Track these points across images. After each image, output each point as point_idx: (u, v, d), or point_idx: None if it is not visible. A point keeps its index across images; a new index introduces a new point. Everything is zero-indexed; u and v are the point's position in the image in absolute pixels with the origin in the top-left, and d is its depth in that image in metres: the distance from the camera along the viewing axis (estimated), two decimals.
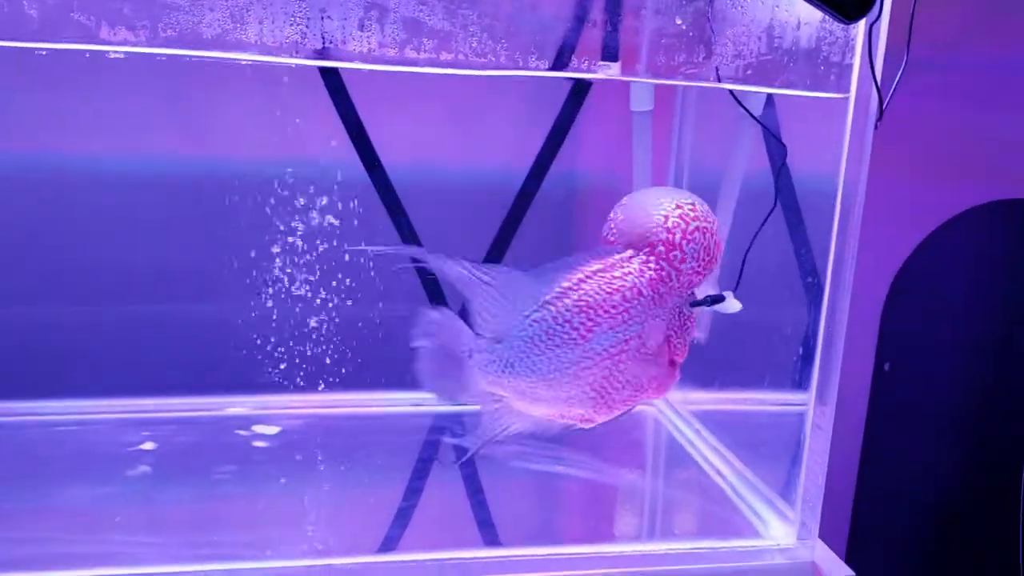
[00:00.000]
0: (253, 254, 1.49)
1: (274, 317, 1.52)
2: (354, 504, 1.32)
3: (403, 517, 1.27)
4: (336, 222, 1.52)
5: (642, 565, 1.15)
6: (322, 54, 0.92)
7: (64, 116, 1.45)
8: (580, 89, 1.51)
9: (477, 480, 1.39)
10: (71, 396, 1.48)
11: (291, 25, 0.89)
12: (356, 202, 1.54)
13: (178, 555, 1.09)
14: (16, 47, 0.86)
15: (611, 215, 1.05)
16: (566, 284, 1.00)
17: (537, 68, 0.94)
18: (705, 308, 1.08)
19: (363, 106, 1.53)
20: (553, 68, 0.98)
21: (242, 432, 1.45)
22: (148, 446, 1.38)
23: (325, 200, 1.51)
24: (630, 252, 1.02)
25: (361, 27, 0.90)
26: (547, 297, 1.00)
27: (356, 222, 1.54)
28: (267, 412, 1.51)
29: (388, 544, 1.20)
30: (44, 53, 0.88)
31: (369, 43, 0.90)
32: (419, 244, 1.60)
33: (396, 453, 1.47)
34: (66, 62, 1.38)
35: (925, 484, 1.88)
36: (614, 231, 1.03)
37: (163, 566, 1.06)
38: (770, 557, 1.17)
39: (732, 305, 1.18)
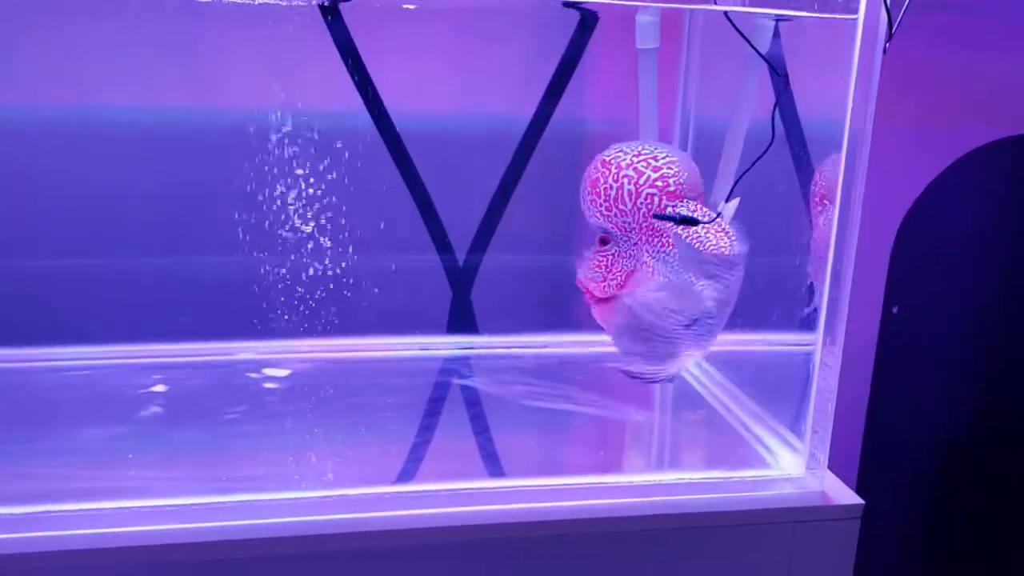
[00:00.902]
0: (263, 201, 1.49)
1: (282, 264, 1.53)
2: (365, 441, 1.33)
3: (416, 452, 1.28)
4: (337, 171, 1.52)
5: (650, 495, 1.16)
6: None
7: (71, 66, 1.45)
8: (587, 24, 1.50)
9: (484, 419, 1.41)
10: (80, 343, 1.49)
11: None
12: (361, 150, 1.54)
13: (193, 488, 1.11)
14: None
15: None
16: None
17: None
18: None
19: (368, 53, 1.52)
20: None
21: (252, 375, 1.47)
22: (159, 388, 1.40)
23: (331, 148, 1.51)
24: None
25: None
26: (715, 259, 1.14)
27: (361, 168, 1.54)
28: (277, 356, 1.52)
29: (403, 478, 1.22)
30: None
31: None
32: (425, 192, 1.60)
33: (407, 393, 1.48)
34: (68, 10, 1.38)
35: (934, 425, 1.88)
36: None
37: (178, 498, 1.08)
38: (779, 487, 1.18)
39: (730, 208, 1.21)
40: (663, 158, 1.13)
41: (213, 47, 1.49)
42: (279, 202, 1.50)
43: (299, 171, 1.50)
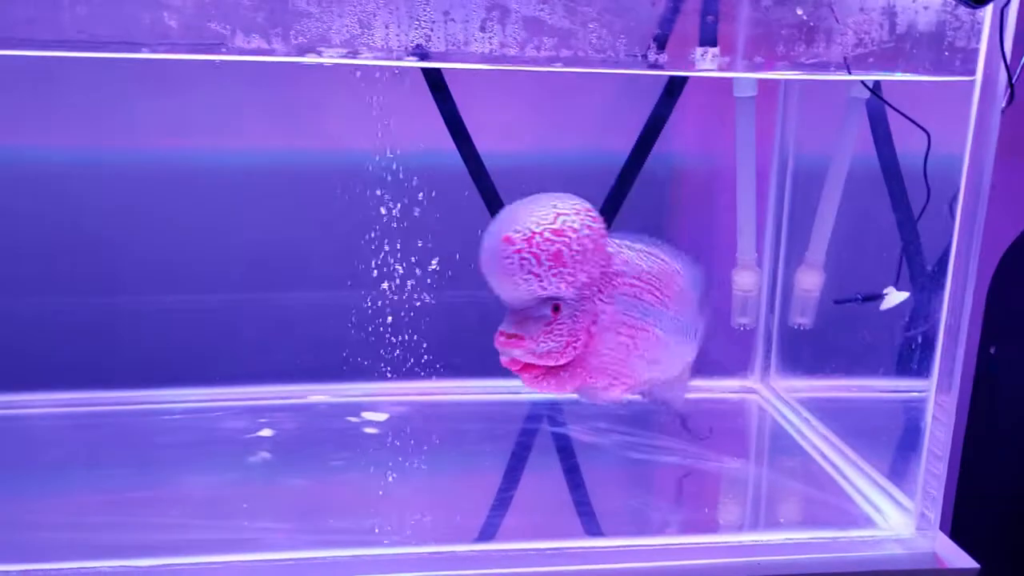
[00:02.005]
0: (361, 244, 1.52)
1: (375, 305, 1.55)
2: (457, 491, 1.35)
3: (507, 504, 1.29)
4: (430, 212, 1.54)
5: (755, 555, 1.15)
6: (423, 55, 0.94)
7: (187, 115, 1.50)
8: (673, 89, 1.50)
9: (577, 468, 1.41)
10: (184, 385, 1.54)
11: (415, 28, 0.91)
12: (454, 192, 1.56)
13: (303, 541, 1.13)
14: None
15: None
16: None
17: (657, 63, 0.94)
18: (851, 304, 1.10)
19: (460, 97, 1.54)
20: (667, 63, 0.98)
21: (352, 419, 1.49)
22: (265, 433, 1.43)
23: (422, 190, 1.53)
24: None
25: (483, 28, 0.91)
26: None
27: (454, 212, 1.56)
28: (373, 399, 1.54)
29: (487, 532, 1.22)
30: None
31: (491, 44, 0.91)
32: None
33: (496, 440, 1.49)
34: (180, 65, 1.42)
35: None
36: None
37: (290, 552, 1.10)
38: (889, 547, 1.16)
39: (896, 297, 1.20)
40: (584, 204, 1.04)
41: (307, 89, 1.53)
42: (374, 245, 1.53)
43: (391, 211, 1.52)
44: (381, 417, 1.50)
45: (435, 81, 1.49)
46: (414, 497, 1.30)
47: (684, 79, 1.47)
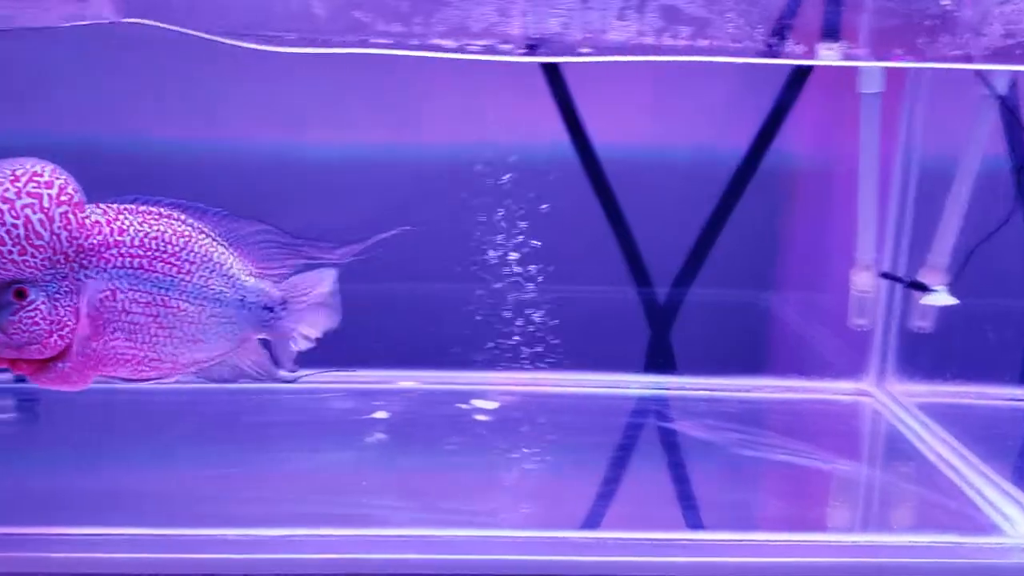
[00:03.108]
0: (475, 236, 1.54)
1: (486, 296, 1.57)
2: (563, 479, 1.36)
3: (611, 495, 1.30)
4: (546, 205, 1.55)
5: (870, 556, 1.13)
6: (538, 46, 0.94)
7: (302, 108, 1.54)
8: (803, 71, 1.48)
9: (682, 462, 1.40)
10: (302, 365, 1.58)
11: (553, 17, 0.92)
12: (567, 185, 1.57)
13: (424, 520, 1.15)
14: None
15: None
16: None
17: (792, 54, 0.94)
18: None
19: (576, 88, 1.54)
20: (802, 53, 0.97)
21: (462, 406, 1.51)
22: (380, 415, 1.46)
23: (537, 183, 1.54)
24: None
25: (621, 16, 0.91)
26: None
27: (566, 206, 1.57)
28: (483, 388, 1.56)
29: (592, 520, 1.23)
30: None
31: (627, 32, 0.92)
32: (627, 228, 1.61)
33: (602, 432, 1.49)
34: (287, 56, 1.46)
35: None
36: None
37: (415, 529, 1.12)
38: (1016, 556, 1.12)
39: (942, 299, 1.15)
40: (44, 170, 0.89)
41: (422, 83, 1.55)
42: (484, 236, 1.54)
43: (502, 203, 1.54)
44: (491, 405, 1.52)
45: (552, 73, 1.51)
46: (522, 483, 1.32)
47: (807, 71, 1.45)
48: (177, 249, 0.95)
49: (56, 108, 1.52)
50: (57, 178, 0.89)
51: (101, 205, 0.92)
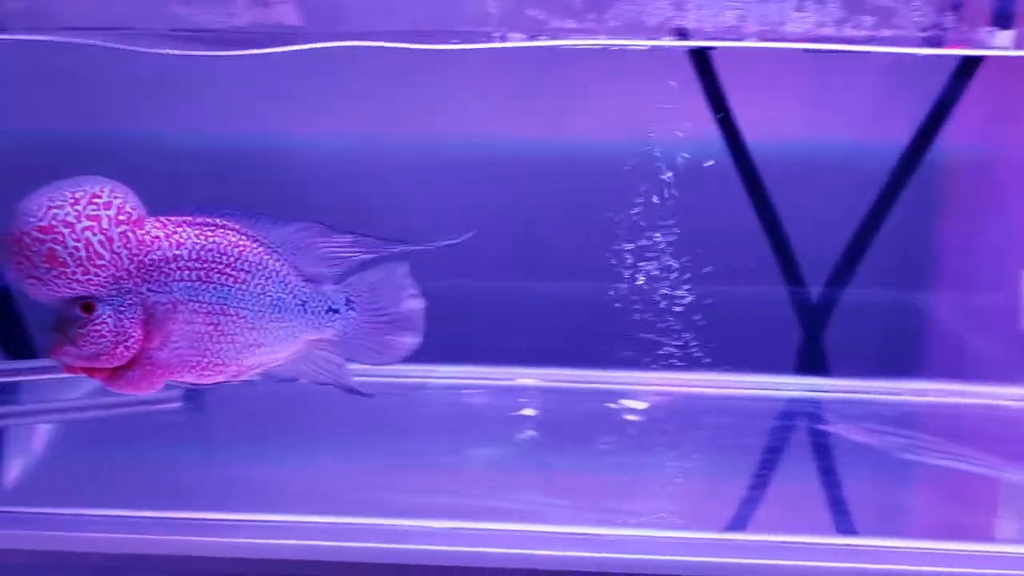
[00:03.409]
0: (625, 234, 1.53)
1: (637, 295, 1.56)
2: (710, 480, 1.34)
3: (760, 497, 1.28)
4: (697, 202, 1.53)
5: None
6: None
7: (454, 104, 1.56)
8: (973, 59, 1.42)
9: (833, 466, 1.36)
10: (441, 362, 1.60)
11: (729, 10, 0.91)
12: (718, 182, 1.54)
13: (580, 518, 1.15)
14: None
15: None
16: None
17: (984, 43, 0.90)
18: None
19: (727, 83, 1.52)
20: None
21: (612, 405, 1.51)
22: (528, 412, 1.47)
23: (686, 180, 1.52)
24: None
25: (799, 8, 0.89)
26: None
27: (716, 202, 1.54)
28: (633, 388, 1.55)
29: (738, 522, 1.21)
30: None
31: (806, 24, 0.90)
32: (779, 226, 1.57)
33: (752, 434, 1.47)
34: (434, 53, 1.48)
35: None
36: None
37: (572, 527, 1.12)
38: None
39: None
40: (104, 191, 0.94)
41: (570, 79, 1.55)
42: (634, 234, 1.53)
43: (653, 201, 1.52)
44: (641, 405, 1.51)
45: (703, 66, 1.48)
46: (670, 483, 1.31)
47: (978, 60, 1.39)
48: (232, 259, 0.98)
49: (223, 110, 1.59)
50: (116, 198, 0.93)
51: (160, 219, 0.97)
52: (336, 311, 1.03)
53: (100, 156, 1.59)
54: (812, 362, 1.61)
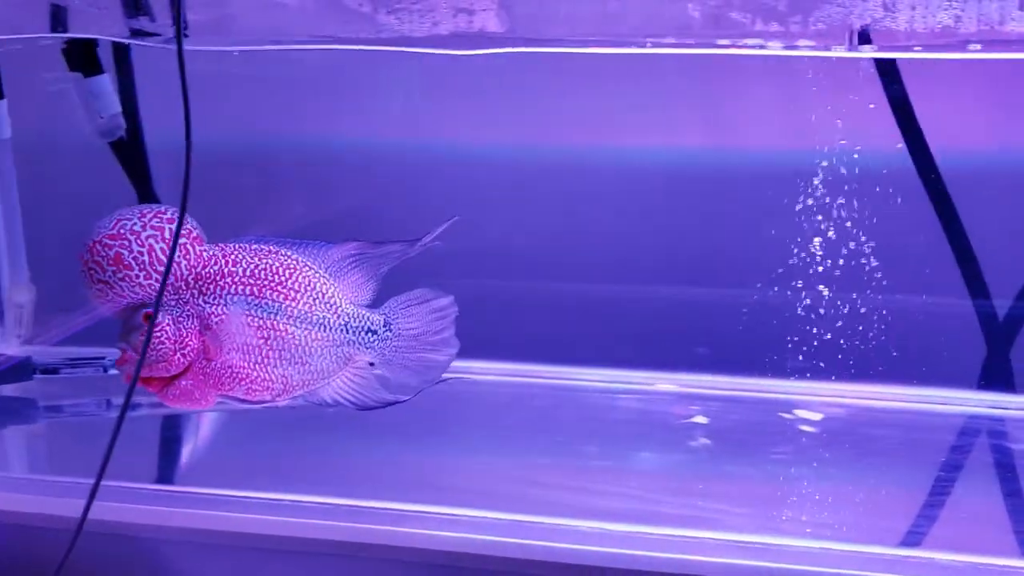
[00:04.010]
0: (802, 242, 1.51)
1: (810, 304, 1.53)
2: (884, 495, 1.30)
3: (929, 515, 1.24)
4: (878, 212, 1.49)
5: None
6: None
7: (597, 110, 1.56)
8: None
9: (1019, 487, 1.29)
10: (619, 366, 1.61)
11: (944, 10, 0.88)
12: (900, 191, 1.49)
13: (766, 527, 1.14)
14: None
15: None
16: None
17: None
18: None
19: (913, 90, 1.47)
20: None
21: (786, 415, 1.48)
22: (701, 420, 1.46)
23: (869, 189, 1.48)
24: None
25: (1022, 6, 0.86)
26: None
27: (897, 212, 1.49)
28: (806, 398, 1.52)
29: (911, 539, 1.18)
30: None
31: None
32: (964, 237, 1.51)
33: (929, 448, 1.42)
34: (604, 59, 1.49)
35: None
36: None
37: (751, 535, 1.11)
38: None
39: None
40: (167, 210, 1.04)
41: (735, 87, 1.53)
42: (811, 242, 1.50)
43: (832, 210, 1.49)
44: (815, 416, 1.48)
45: (888, 74, 1.44)
46: (845, 496, 1.28)
47: None
48: (284, 279, 1.06)
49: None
50: (173, 215, 1.03)
51: (219, 244, 1.06)
52: (375, 332, 1.09)
53: (282, 160, 1.68)
54: (997, 378, 1.54)
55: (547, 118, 1.58)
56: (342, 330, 1.08)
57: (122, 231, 1.02)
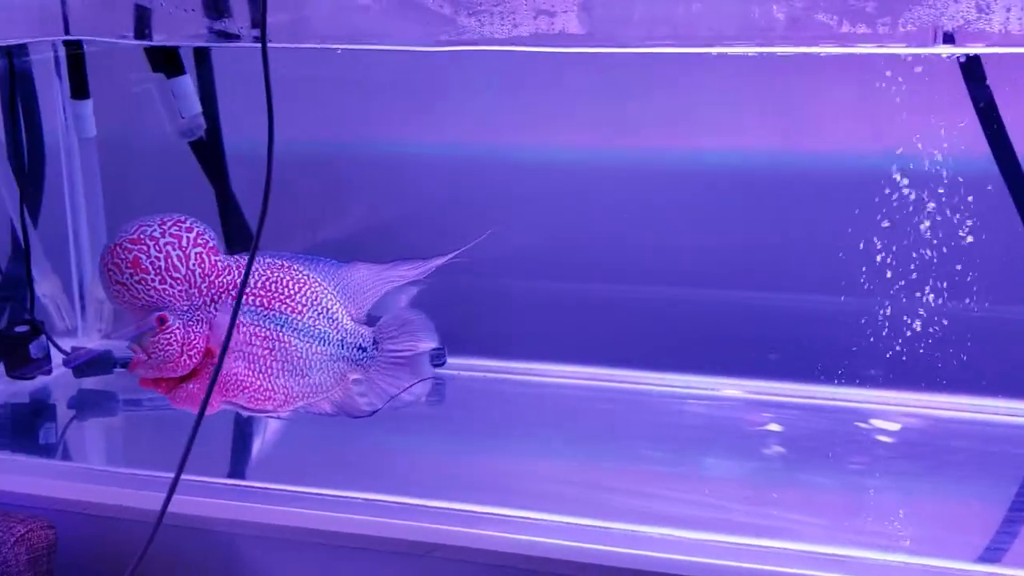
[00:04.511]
0: (877, 248, 1.47)
1: (886, 311, 1.50)
2: (963, 508, 1.28)
3: (1010, 530, 1.20)
4: (961, 219, 1.45)
5: None
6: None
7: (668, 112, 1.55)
8: None
9: None
10: (688, 371, 1.59)
11: None
12: (978, 197, 1.45)
13: (841, 539, 1.12)
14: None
15: None
16: None
17: None
18: None
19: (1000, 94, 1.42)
20: None
21: (862, 425, 1.45)
22: (774, 427, 1.44)
23: (941, 193, 1.45)
24: None
25: None
26: None
27: (979, 218, 1.45)
28: (882, 407, 1.49)
29: (990, 555, 1.15)
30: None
31: None
32: None
33: (1011, 463, 1.38)
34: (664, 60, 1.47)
35: None
36: None
37: (826, 547, 1.09)
38: None
39: None
40: (186, 219, 1.09)
41: (812, 89, 1.50)
42: (886, 248, 1.47)
43: (911, 215, 1.45)
44: (892, 426, 1.44)
45: (975, 78, 1.39)
46: (922, 508, 1.27)
47: None
48: (292, 292, 1.10)
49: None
50: (197, 225, 1.09)
51: (234, 255, 1.11)
52: (364, 349, 1.13)
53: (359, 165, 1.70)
54: None
55: (617, 120, 1.57)
56: (339, 345, 1.13)
57: (142, 236, 1.07)
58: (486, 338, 1.64)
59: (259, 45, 1.00)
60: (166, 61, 1.52)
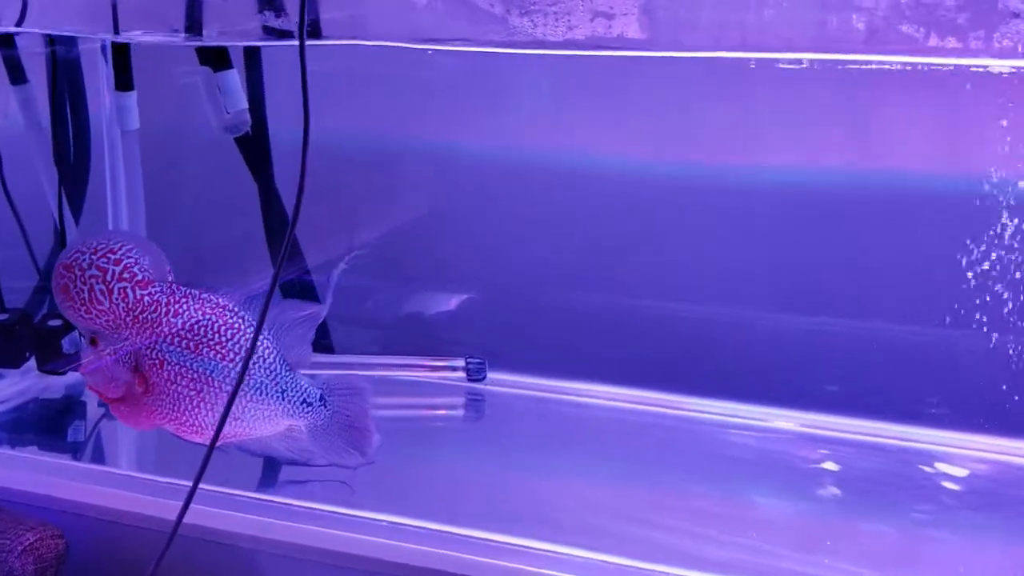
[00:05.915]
0: (944, 276, 1.38)
1: (958, 346, 1.40)
2: None
3: None
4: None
5: None
6: None
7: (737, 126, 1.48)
8: None
9: None
10: (740, 399, 1.51)
11: None
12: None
13: None
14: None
15: None
16: None
17: None
18: None
19: None
20: None
21: (926, 468, 1.36)
22: (830, 466, 1.35)
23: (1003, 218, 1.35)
24: None
25: None
26: None
27: None
28: (948, 450, 1.39)
29: None
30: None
31: None
32: None
33: None
34: (739, 71, 1.40)
35: None
36: None
37: None
38: None
39: None
40: (120, 249, 1.08)
41: (886, 108, 1.41)
42: (953, 276, 1.38)
43: (985, 240, 1.36)
44: (960, 472, 1.35)
45: None
46: (990, 562, 1.18)
47: None
48: (224, 339, 1.08)
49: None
50: (127, 257, 1.08)
51: (173, 286, 1.10)
52: (310, 404, 1.11)
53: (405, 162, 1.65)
54: None
55: (676, 132, 1.51)
56: (279, 398, 1.10)
57: (72, 264, 1.08)
58: (528, 354, 1.58)
59: (315, 43, 0.95)
60: (214, 55, 1.48)
